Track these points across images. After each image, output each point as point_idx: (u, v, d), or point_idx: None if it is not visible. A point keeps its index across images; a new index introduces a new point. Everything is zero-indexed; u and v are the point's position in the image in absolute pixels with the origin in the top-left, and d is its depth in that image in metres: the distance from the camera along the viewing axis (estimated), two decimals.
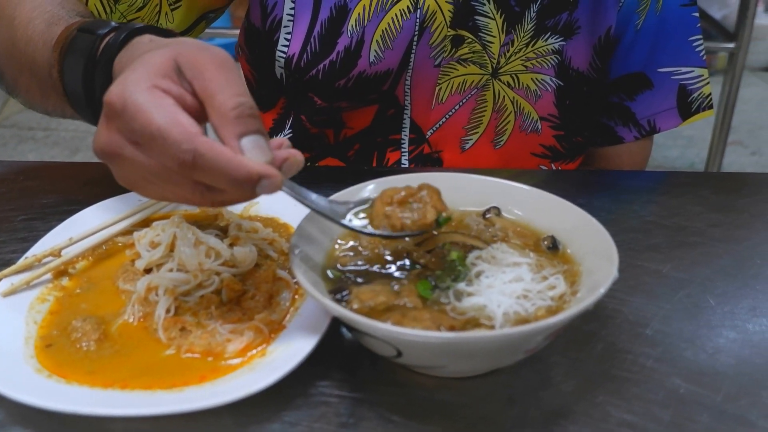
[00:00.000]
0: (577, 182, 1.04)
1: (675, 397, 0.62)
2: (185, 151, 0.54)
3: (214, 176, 0.55)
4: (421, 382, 0.63)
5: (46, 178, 0.97)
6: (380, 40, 1.00)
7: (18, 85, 0.88)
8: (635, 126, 1.12)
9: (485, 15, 1.00)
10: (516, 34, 1.01)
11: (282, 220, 0.83)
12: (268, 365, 0.61)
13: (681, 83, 1.09)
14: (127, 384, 0.60)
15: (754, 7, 2.44)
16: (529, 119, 1.07)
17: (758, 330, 0.70)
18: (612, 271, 0.60)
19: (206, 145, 0.54)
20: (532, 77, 1.05)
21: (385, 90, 1.03)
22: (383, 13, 0.99)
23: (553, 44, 1.03)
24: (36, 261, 0.73)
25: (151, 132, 0.55)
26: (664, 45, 1.07)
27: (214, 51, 0.59)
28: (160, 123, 0.54)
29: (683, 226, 0.88)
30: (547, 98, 1.06)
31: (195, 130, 0.55)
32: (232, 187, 0.56)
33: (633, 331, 0.69)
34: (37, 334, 0.66)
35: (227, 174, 0.55)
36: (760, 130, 3.62)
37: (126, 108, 0.55)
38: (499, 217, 0.74)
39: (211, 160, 0.54)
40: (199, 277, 0.69)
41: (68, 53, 0.74)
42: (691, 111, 1.11)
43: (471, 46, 1.01)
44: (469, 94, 1.05)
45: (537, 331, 0.56)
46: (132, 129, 0.56)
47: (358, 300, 0.62)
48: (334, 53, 1.00)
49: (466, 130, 1.08)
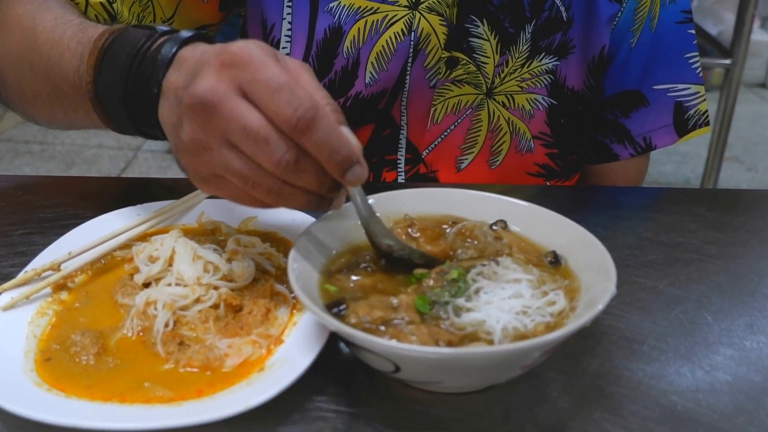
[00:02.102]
0: (572, 198, 1.05)
1: (671, 415, 0.62)
2: (309, 107, 0.57)
3: (322, 143, 0.58)
4: (417, 397, 0.63)
5: (44, 192, 0.97)
6: (375, 62, 1.01)
7: (24, 92, 0.87)
8: (630, 143, 1.12)
9: (479, 36, 1.01)
10: (510, 54, 1.02)
11: (280, 234, 0.83)
12: (266, 380, 0.61)
13: (677, 100, 1.09)
14: (126, 398, 0.60)
15: (750, 23, 2.46)
16: (524, 139, 1.08)
17: (755, 347, 0.70)
18: (609, 287, 0.61)
19: (326, 110, 0.58)
20: (526, 97, 1.05)
21: (381, 110, 1.04)
22: (377, 35, 1.00)
23: (547, 64, 1.04)
24: (35, 275, 0.73)
25: (279, 83, 0.57)
26: (659, 62, 1.08)
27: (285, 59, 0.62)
28: (286, 78, 0.57)
29: (679, 243, 0.89)
30: (539, 117, 1.06)
31: (321, 94, 0.59)
32: (329, 162, 0.59)
33: (629, 348, 0.70)
34: (37, 348, 0.66)
35: (336, 145, 0.58)
36: (755, 146, 3.64)
37: (252, 60, 0.58)
38: (506, 230, 0.74)
39: (327, 125, 0.57)
40: (198, 291, 0.69)
41: (114, 43, 0.74)
42: (687, 128, 1.11)
43: (465, 67, 1.02)
44: (464, 114, 1.05)
45: (534, 348, 0.56)
46: (254, 80, 0.58)
47: (356, 314, 0.63)
48: (332, 73, 1.01)
49: (462, 150, 1.08)
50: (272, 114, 0.58)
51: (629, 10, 1.04)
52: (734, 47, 2.50)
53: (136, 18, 0.99)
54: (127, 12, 0.97)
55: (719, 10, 3.70)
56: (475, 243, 0.72)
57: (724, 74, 2.61)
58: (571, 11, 1.02)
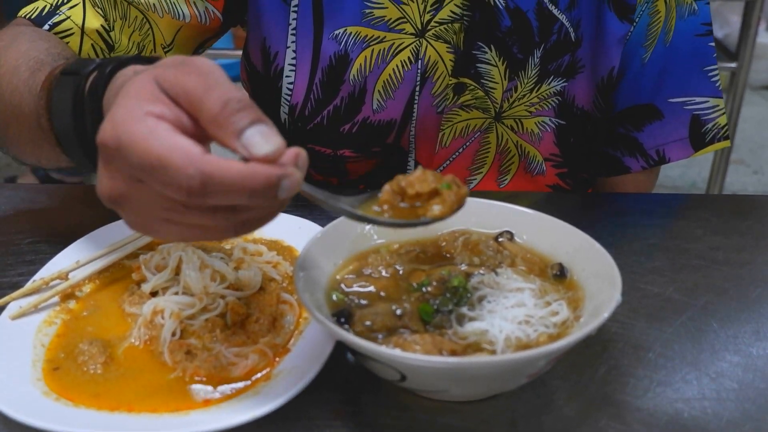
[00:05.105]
0: (579, 205, 1.04)
1: (678, 422, 0.62)
2: (190, 176, 0.49)
3: (231, 195, 0.51)
4: (424, 406, 0.63)
5: (52, 201, 0.97)
6: (382, 90, 1.00)
7: (7, 138, 0.85)
8: (642, 156, 1.09)
9: (487, 62, 0.99)
10: (519, 80, 1.00)
11: (286, 243, 0.83)
12: (273, 389, 0.61)
13: (694, 113, 1.06)
14: (134, 407, 0.61)
15: (755, 26, 2.46)
16: (535, 161, 1.06)
17: (762, 354, 0.70)
18: (615, 295, 0.61)
19: (212, 163, 0.50)
20: (535, 121, 1.03)
21: (389, 143, 1.03)
22: (384, 64, 0.99)
23: (555, 86, 1.02)
24: (44, 284, 0.73)
25: (150, 164, 0.50)
26: (676, 75, 1.05)
27: (192, 62, 0.54)
28: (158, 152, 0.50)
29: (685, 249, 0.89)
30: (548, 138, 1.05)
31: (197, 151, 0.50)
32: (254, 200, 0.52)
33: (635, 355, 0.70)
34: (45, 357, 0.66)
35: (244, 187, 0.50)
36: (762, 149, 3.63)
37: (120, 145, 0.51)
38: (511, 242, 0.74)
39: (221, 177, 0.50)
40: (204, 300, 0.70)
41: (55, 99, 0.70)
42: (704, 141, 1.08)
43: (473, 92, 1.00)
44: (472, 138, 1.04)
45: (539, 357, 0.56)
46: (132, 166, 0.51)
47: (361, 323, 0.63)
48: (338, 98, 1.00)
49: (470, 171, 1.07)
50: (167, 193, 0.52)
51: (642, 26, 1.01)
52: (740, 50, 2.49)
53: (136, 46, 0.98)
54: (126, 40, 0.97)
55: (725, 13, 3.70)
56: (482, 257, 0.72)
57: (729, 77, 2.60)
58: (580, 31, 1.00)
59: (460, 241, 0.74)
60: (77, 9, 0.94)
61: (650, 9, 1.01)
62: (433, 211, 0.62)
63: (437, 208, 0.62)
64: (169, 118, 0.52)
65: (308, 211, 0.87)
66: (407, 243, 0.75)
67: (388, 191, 0.64)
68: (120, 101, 0.53)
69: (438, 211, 0.62)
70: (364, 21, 0.97)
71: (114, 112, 0.53)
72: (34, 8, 0.94)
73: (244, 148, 0.51)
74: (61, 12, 0.93)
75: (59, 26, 0.93)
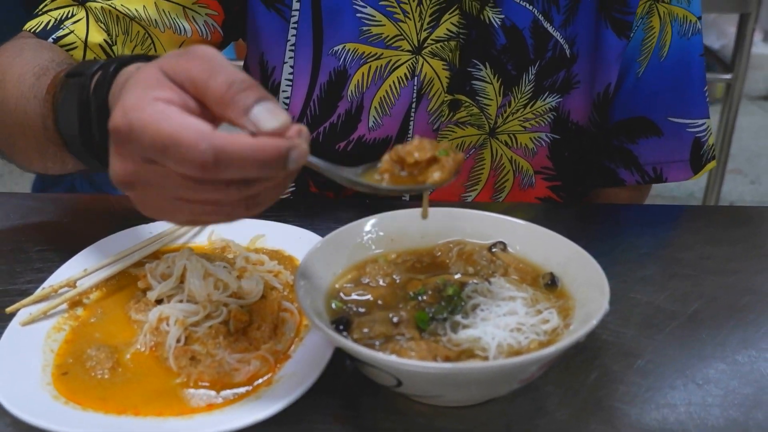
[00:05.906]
0: (572, 214, 1.06)
1: (665, 428, 0.64)
2: (203, 151, 0.51)
3: (243, 167, 0.52)
4: (420, 410, 0.65)
5: (60, 211, 0.99)
6: (378, 107, 1.01)
7: (12, 147, 0.87)
8: (638, 170, 1.10)
9: (482, 80, 1.00)
10: (513, 95, 1.01)
11: (287, 252, 0.85)
12: (274, 394, 0.63)
13: (696, 136, 1.07)
14: (140, 411, 0.62)
15: (750, 38, 2.47)
16: (527, 176, 1.07)
17: (746, 361, 0.72)
18: (603, 304, 0.63)
19: (223, 138, 0.51)
20: (530, 137, 1.04)
21: None
22: (381, 80, 1.00)
23: (550, 102, 1.03)
24: (52, 291, 0.75)
25: (163, 143, 0.52)
26: (681, 94, 1.06)
27: (193, 50, 0.56)
28: (169, 131, 0.51)
29: (677, 258, 0.90)
30: (542, 153, 1.06)
31: (207, 128, 0.52)
32: (265, 171, 0.53)
33: (626, 362, 0.72)
34: (54, 362, 0.68)
35: (255, 159, 0.52)
36: (758, 158, 3.64)
37: (132, 129, 0.52)
38: (504, 252, 0.77)
39: (232, 151, 0.51)
40: (208, 308, 0.72)
41: (60, 101, 0.72)
42: (701, 164, 1.09)
43: (468, 109, 1.02)
44: (467, 154, 1.05)
45: (529, 363, 0.58)
46: (144, 148, 0.53)
47: (359, 330, 0.65)
48: (335, 115, 1.01)
49: (466, 187, 1.09)
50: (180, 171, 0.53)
51: (636, 41, 1.03)
52: (735, 62, 2.51)
53: None
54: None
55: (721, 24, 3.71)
56: (476, 267, 0.75)
57: (725, 88, 2.63)
58: (576, 47, 1.01)
59: (454, 251, 0.76)
60: (80, 24, 0.96)
61: (645, 25, 1.02)
62: (433, 178, 0.65)
63: (437, 174, 0.65)
64: (177, 102, 0.54)
65: (309, 221, 0.89)
66: (404, 253, 0.77)
67: (387, 160, 0.66)
68: (128, 90, 0.55)
69: (438, 177, 0.65)
70: (362, 38, 0.99)
71: (124, 100, 0.54)
72: (39, 23, 0.96)
73: (253, 123, 0.53)
74: (65, 26, 0.95)
75: (63, 40, 0.94)
